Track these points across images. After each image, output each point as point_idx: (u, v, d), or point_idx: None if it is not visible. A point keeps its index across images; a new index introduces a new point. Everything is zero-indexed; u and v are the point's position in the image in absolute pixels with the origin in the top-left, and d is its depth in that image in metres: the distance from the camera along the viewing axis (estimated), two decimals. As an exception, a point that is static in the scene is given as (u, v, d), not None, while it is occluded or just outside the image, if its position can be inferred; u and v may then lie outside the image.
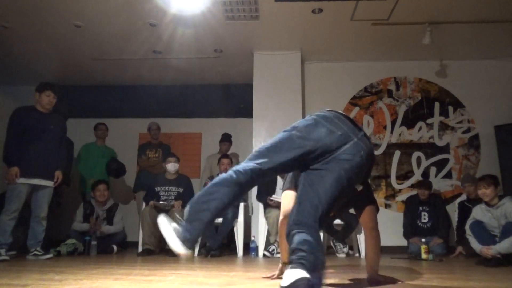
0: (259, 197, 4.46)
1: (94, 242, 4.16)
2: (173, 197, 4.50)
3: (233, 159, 5.48)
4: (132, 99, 6.11)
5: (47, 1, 4.02)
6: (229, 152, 5.31)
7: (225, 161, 4.63)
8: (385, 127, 5.37)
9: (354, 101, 5.46)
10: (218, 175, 4.65)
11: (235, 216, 4.39)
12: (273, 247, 4.20)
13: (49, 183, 3.50)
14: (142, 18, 4.33)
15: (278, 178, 4.47)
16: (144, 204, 4.55)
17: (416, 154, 5.28)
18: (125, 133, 5.95)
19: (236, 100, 5.99)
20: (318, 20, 4.43)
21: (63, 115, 4.95)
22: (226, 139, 5.42)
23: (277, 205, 4.24)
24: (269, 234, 4.27)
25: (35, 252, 3.47)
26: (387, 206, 5.18)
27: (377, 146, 5.31)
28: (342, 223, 4.27)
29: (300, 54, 5.22)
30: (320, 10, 4.24)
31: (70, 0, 4.01)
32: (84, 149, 5.16)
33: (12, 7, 4.13)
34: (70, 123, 5.31)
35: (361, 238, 4.39)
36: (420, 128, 5.34)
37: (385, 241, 4.89)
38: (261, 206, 4.49)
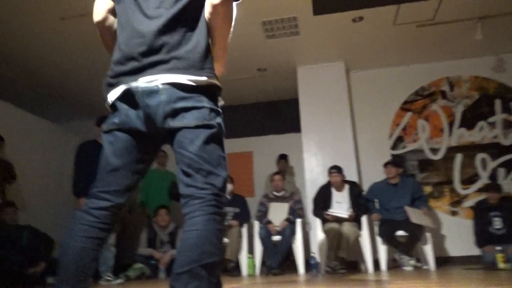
0: (316, 212, 4.39)
1: (161, 266, 4.30)
2: (230, 218, 4.55)
3: (288, 175, 5.47)
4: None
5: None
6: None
7: (276, 177, 4.64)
8: (442, 130, 5.11)
9: (406, 106, 5.27)
10: (272, 192, 4.69)
11: (293, 232, 4.34)
12: (335, 262, 4.09)
13: (114, 211, 3.68)
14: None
15: (333, 191, 4.40)
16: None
17: (480, 156, 4.95)
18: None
19: (284, 116, 6.01)
20: (360, 28, 4.38)
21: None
22: (282, 157, 5.47)
23: (335, 219, 4.15)
24: (329, 249, 4.16)
25: (107, 278, 3.65)
26: (453, 213, 4.87)
27: (436, 151, 5.05)
28: (405, 234, 4.11)
29: (344, 64, 5.16)
30: (361, 18, 4.19)
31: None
32: (146, 176, 5.35)
33: (73, 50, 4.50)
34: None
35: (428, 249, 4.16)
36: (481, 128, 5.02)
37: (455, 251, 4.66)
38: (318, 221, 4.41)
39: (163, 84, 1.24)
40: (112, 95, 1.32)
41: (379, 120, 5.26)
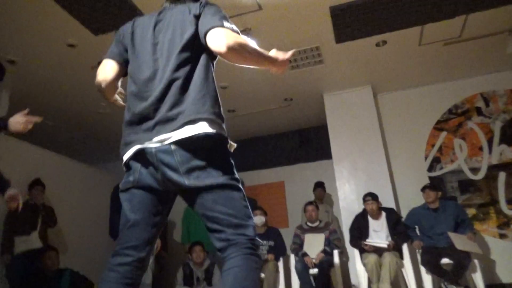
0: (353, 242, 4.25)
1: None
2: (265, 251, 4.48)
3: (326, 204, 5.33)
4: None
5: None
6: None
7: (309, 207, 4.54)
8: (481, 148, 4.87)
9: (439, 126, 5.09)
10: (306, 223, 4.59)
11: (331, 265, 4.20)
12: (377, 295, 3.90)
13: (150, 252, 3.72)
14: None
15: (370, 219, 4.25)
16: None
17: (526, 173, 4.67)
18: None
19: (314, 144, 5.96)
20: (384, 52, 4.33)
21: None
22: (318, 185, 5.34)
23: (374, 249, 3.99)
24: (370, 281, 3.98)
25: (144, 319, 3.65)
26: (501, 236, 4.57)
27: (476, 170, 4.81)
28: (451, 261, 3.88)
29: (371, 87, 5.09)
30: (384, 42, 4.15)
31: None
32: (185, 213, 5.40)
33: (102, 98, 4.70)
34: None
35: (477, 277, 3.90)
36: (524, 143, 4.76)
37: (508, 277, 4.33)
38: (357, 251, 4.26)
39: (174, 143, 1.30)
40: (126, 155, 1.41)
41: (413, 141, 5.09)
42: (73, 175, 5.19)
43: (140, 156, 1.36)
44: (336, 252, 4.28)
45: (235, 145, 1.46)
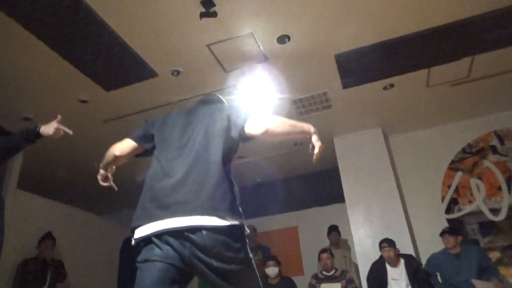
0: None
1: None
2: (279, 303, 4.30)
3: (343, 249, 5.15)
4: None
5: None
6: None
7: (324, 255, 4.38)
8: (499, 188, 4.71)
9: (454, 166, 4.97)
10: (321, 272, 4.42)
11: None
12: None
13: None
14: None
15: (388, 267, 4.08)
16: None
17: (549, 212, 4.47)
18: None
19: (326, 187, 5.86)
20: (392, 95, 4.33)
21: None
22: (332, 229, 5.17)
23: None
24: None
25: None
26: (530, 281, 4.31)
27: (497, 211, 4.63)
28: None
29: (381, 129, 5.06)
30: (392, 86, 4.16)
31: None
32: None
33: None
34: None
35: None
36: (544, 181, 4.60)
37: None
38: (375, 301, 4.05)
39: (204, 228, 1.45)
40: (146, 230, 1.51)
41: (428, 183, 4.96)
42: (83, 226, 5.17)
43: (169, 233, 1.46)
44: (354, 303, 4.09)
45: (248, 231, 1.61)
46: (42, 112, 3.93)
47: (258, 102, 4.14)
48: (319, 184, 5.98)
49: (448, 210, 4.82)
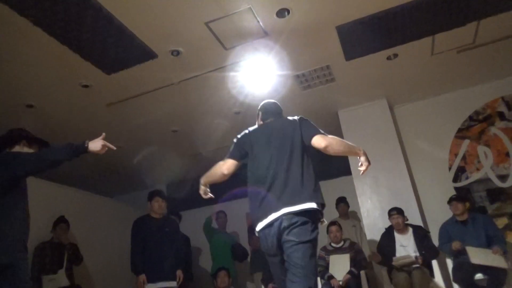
0: (382, 261, 4.12)
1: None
2: (290, 276, 4.38)
3: (352, 219, 5.20)
4: (233, 182, 6.38)
5: (148, 118, 4.60)
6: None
7: (333, 228, 4.42)
8: (507, 154, 4.68)
9: (461, 134, 4.93)
10: (330, 244, 4.47)
11: (358, 286, 4.07)
12: (409, 317, 3.74)
13: (173, 284, 3.70)
14: (226, 109, 4.66)
15: (396, 234, 4.13)
16: (262, 287, 4.50)
17: (558, 177, 4.45)
18: (234, 215, 6.13)
19: (332, 160, 5.84)
20: (396, 65, 4.25)
21: (177, 214, 5.37)
22: (340, 201, 5.21)
23: (403, 266, 3.85)
24: (401, 302, 3.83)
25: None
26: (539, 246, 4.33)
27: (505, 177, 4.61)
28: (485, 276, 3.69)
29: (386, 100, 5.00)
30: (395, 55, 4.08)
31: (167, 111, 4.53)
32: (211, 247, 5.42)
33: (122, 130, 4.81)
34: (184, 215, 5.73)
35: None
36: (553, 146, 4.54)
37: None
38: (384, 271, 4.12)
39: (289, 213, 2.13)
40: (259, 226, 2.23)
41: (435, 152, 4.94)
42: (95, 209, 5.27)
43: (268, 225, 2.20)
44: (363, 273, 4.16)
45: (326, 222, 2.31)
46: (45, 99, 3.95)
47: (260, 79, 4.11)
48: (325, 157, 5.96)
49: (456, 179, 4.82)
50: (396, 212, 4.13)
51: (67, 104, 4.09)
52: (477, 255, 3.69)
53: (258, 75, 4.03)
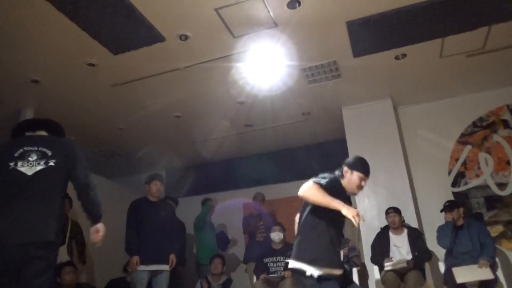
0: (374, 259, 4.14)
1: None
2: (282, 268, 4.41)
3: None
4: (233, 172, 6.41)
5: (151, 101, 4.60)
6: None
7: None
8: (508, 163, 4.67)
9: (463, 139, 4.92)
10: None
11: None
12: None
13: (166, 267, 3.72)
14: (231, 98, 4.65)
15: (391, 234, 4.14)
16: (255, 278, 4.53)
17: (556, 188, 4.44)
18: (230, 205, 6.16)
19: (333, 157, 5.85)
20: (404, 65, 4.23)
21: (174, 199, 5.39)
22: None
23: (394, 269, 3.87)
24: (390, 301, 3.85)
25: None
26: (532, 255, 4.35)
27: (503, 185, 4.61)
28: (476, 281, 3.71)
29: (391, 100, 4.98)
30: (404, 55, 4.06)
31: (171, 96, 4.52)
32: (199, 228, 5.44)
33: (125, 112, 4.81)
34: (181, 202, 5.75)
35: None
36: (554, 157, 4.53)
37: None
38: (375, 269, 4.14)
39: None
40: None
41: (436, 156, 4.93)
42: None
43: None
44: (355, 270, 4.18)
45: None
46: (50, 75, 3.94)
47: (267, 69, 4.09)
48: (326, 154, 5.97)
49: (455, 184, 4.82)
50: (393, 210, 4.15)
51: (72, 81, 4.09)
52: (463, 274, 3.70)
53: (265, 65, 4.01)
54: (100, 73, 3.96)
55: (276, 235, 4.55)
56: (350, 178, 2.48)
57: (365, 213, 4.71)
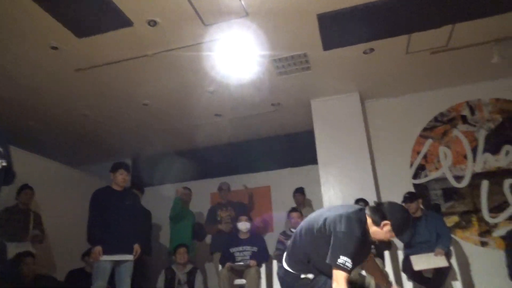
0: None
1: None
2: (248, 257, 4.47)
3: (308, 208, 5.32)
4: (200, 161, 6.36)
5: (118, 88, 4.47)
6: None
7: (294, 214, 4.53)
8: (465, 157, 4.91)
9: (425, 134, 5.12)
10: (290, 229, 4.58)
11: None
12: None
13: (129, 257, 3.67)
14: (200, 87, 4.60)
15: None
16: (220, 267, 4.56)
17: (508, 182, 4.70)
18: (196, 194, 6.10)
19: (301, 149, 5.94)
20: (372, 59, 4.33)
21: (140, 188, 5.29)
22: (297, 191, 5.34)
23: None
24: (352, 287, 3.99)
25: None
26: (483, 244, 4.61)
27: (460, 178, 4.85)
28: (432, 269, 3.90)
29: (359, 94, 5.09)
30: (372, 50, 4.15)
31: (138, 83, 4.41)
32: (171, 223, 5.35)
33: (90, 98, 4.66)
34: (148, 191, 5.66)
35: (457, 285, 3.94)
36: (507, 153, 4.79)
37: (487, 284, 4.38)
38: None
39: None
40: None
41: (399, 149, 5.11)
42: (57, 178, 5.13)
43: None
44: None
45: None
46: (11, 58, 3.75)
47: (237, 59, 4.07)
48: (293, 145, 6.05)
49: (415, 176, 5.02)
50: (363, 203, 4.25)
51: (34, 65, 3.91)
52: (420, 262, 3.90)
53: (235, 55, 3.98)
54: (64, 57, 3.81)
55: (243, 225, 4.59)
56: (386, 231, 2.12)
57: (330, 203, 4.83)
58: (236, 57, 4.02)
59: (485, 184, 4.77)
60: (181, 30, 3.56)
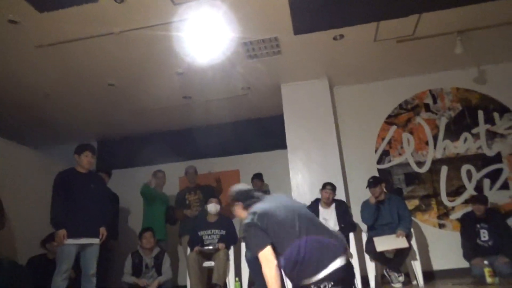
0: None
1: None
2: (216, 240, 4.49)
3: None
4: (168, 144, 6.27)
5: (82, 67, 4.30)
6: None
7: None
8: (427, 143, 5.12)
9: (390, 120, 5.28)
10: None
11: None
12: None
13: (95, 241, 3.59)
14: (169, 68, 4.50)
15: (320, 208, 4.36)
16: (189, 250, 4.56)
17: (465, 168, 4.96)
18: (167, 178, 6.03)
19: (270, 133, 5.97)
20: (341, 46, 4.38)
21: (107, 172, 5.16)
22: (255, 177, 5.37)
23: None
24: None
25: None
26: (441, 226, 4.86)
27: (422, 163, 5.05)
28: (393, 250, 4.08)
29: (327, 80, 5.15)
30: (341, 36, 4.19)
31: (104, 62, 4.25)
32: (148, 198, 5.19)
33: (52, 77, 4.45)
34: (116, 174, 5.53)
35: (416, 264, 4.14)
36: (465, 140, 5.04)
37: (444, 264, 4.63)
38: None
39: None
40: None
41: (365, 134, 5.25)
42: (19, 160, 4.91)
43: None
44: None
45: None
46: (-37, 30, 3.51)
47: (207, 40, 4.00)
48: (263, 130, 6.07)
49: (380, 161, 5.18)
50: (330, 187, 4.35)
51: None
52: (382, 243, 4.07)
53: (205, 36, 3.91)
54: (24, 32, 3.60)
55: (213, 207, 4.59)
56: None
57: (297, 187, 4.90)
58: (205, 38, 3.94)
59: (444, 170, 5.00)
60: (150, 8, 3.44)
